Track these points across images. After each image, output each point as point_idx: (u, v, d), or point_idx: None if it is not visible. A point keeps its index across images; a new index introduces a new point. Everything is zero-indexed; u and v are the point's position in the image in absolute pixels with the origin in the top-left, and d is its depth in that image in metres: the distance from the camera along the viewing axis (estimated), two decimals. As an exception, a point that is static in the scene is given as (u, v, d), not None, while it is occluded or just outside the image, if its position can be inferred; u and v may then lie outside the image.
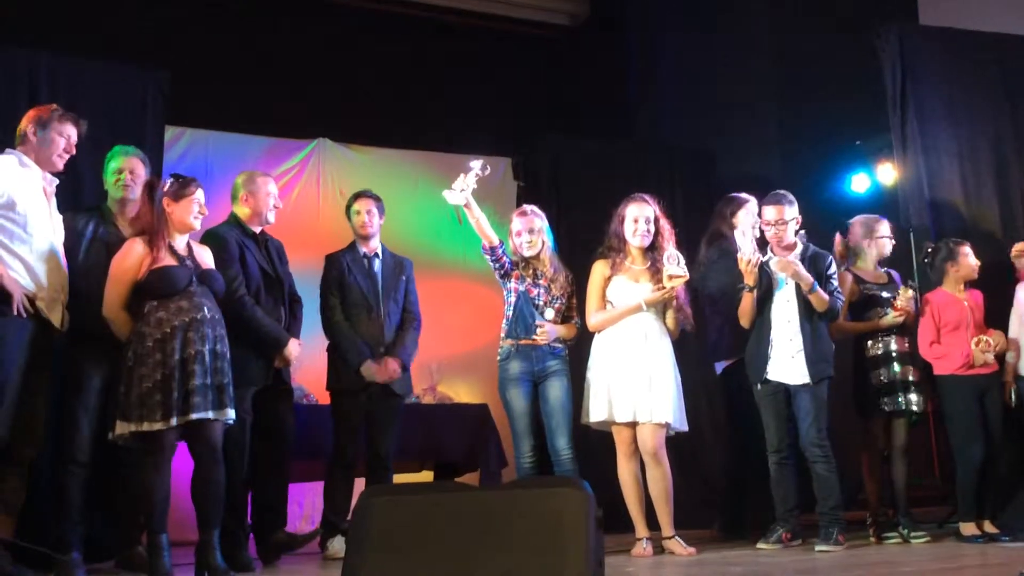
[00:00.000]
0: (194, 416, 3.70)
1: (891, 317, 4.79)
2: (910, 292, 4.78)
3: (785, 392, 4.59)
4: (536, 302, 4.54)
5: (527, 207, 4.75)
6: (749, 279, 4.54)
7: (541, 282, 4.57)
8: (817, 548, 4.37)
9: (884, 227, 5.02)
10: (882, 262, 5.04)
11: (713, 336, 5.18)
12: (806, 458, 4.55)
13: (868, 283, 4.93)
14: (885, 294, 4.88)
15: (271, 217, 4.55)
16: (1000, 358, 4.73)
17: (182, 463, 4.02)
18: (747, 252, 4.47)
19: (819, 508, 4.52)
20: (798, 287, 4.56)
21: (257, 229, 4.53)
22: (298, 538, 4.44)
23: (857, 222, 5.06)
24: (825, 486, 4.48)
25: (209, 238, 4.34)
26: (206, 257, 4.07)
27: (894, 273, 5.04)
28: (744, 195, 5.16)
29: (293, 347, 4.41)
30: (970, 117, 5.44)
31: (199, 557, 3.84)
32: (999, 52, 5.59)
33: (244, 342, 4.22)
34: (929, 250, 4.95)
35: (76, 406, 4.05)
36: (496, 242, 4.51)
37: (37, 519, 4.10)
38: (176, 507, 4.41)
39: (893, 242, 5.03)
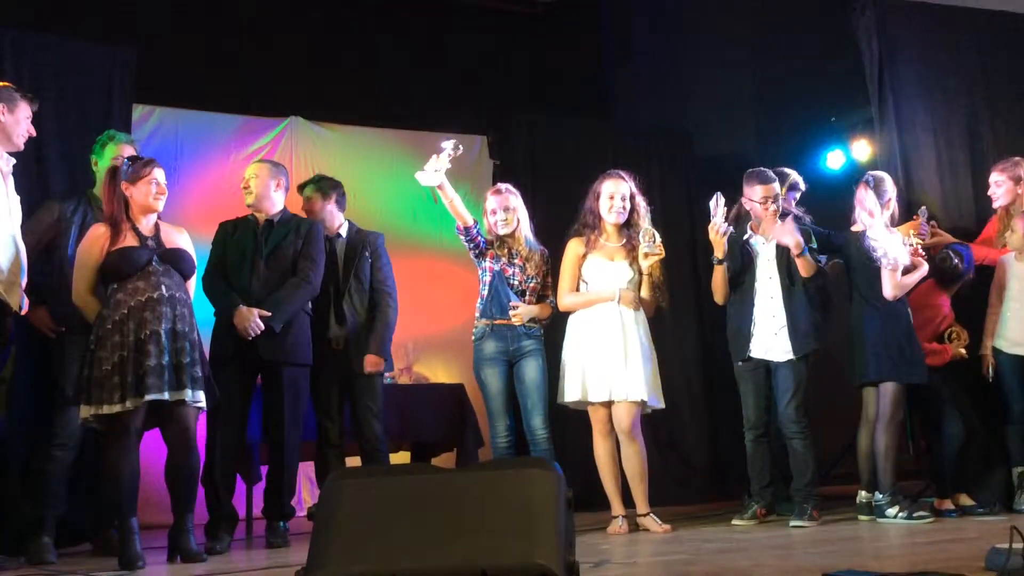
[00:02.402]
0: (148, 397, 3.63)
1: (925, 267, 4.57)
2: (917, 242, 4.61)
3: (765, 369, 4.61)
4: (511, 281, 4.52)
5: (501, 185, 4.72)
6: (719, 251, 4.54)
7: (516, 261, 4.54)
8: (792, 523, 4.39)
9: (893, 188, 4.75)
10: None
11: None
12: (783, 434, 4.57)
13: None
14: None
15: (250, 199, 4.49)
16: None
17: (159, 447, 3.98)
18: (717, 222, 4.46)
19: (794, 484, 4.54)
20: (779, 263, 4.56)
21: (261, 215, 4.49)
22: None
23: (878, 177, 4.75)
24: (801, 462, 4.51)
25: None
26: (177, 238, 4.01)
27: None
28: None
29: (242, 314, 4.24)
30: (945, 92, 5.43)
31: (172, 541, 3.83)
32: (975, 27, 5.59)
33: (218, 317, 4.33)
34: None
35: (65, 392, 4.02)
36: (471, 222, 4.47)
37: (11, 501, 4.10)
38: (154, 489, 4.40)
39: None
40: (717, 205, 4.47)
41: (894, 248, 4.45)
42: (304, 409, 4.52)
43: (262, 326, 4.26)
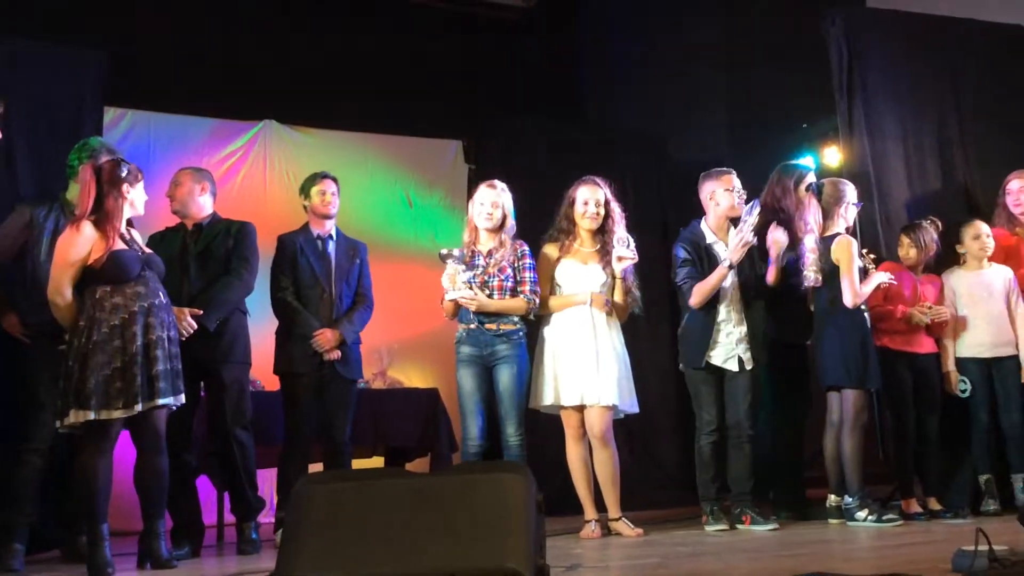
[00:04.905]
0: (160, 401, 3.67)
1: (886, 275, 4.65)
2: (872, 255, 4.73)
3: (720, 373, 4.61)
4: (472, 283, 4.45)
5: (497, 183, 4.61)
6: (737, 257, 4.51)
7: (479, 262, 4.51)
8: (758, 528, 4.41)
9: (852, 193, 4.82)
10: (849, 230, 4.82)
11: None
12: (732, 437, 4.58)
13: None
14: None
15: (174, 205, 4.54)
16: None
17: (125, 451, 3.95)
18: (745, 234, 4.47)
19: (739, 488, 4.55)
20: (739, 269, 4.59)
21: (189, 221, 4.52)
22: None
23: (828, 183, 4.84)
24: (749, 466, 4.55)
25: None
26: (141, 241, 4.03)
27: None
28: (805, 164, 5.04)
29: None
30: (914, 100, 5.49)
31: (143, 547, 3.80)
32: (944, 35, 5.66)
33: None
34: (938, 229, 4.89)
35: (38, 397, 3.98)
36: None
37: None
38: (122, 495, 4.35)
39: (859, 208, 4.87)
40: (752, 212, 4.48)
41: (813, 268, 4.54)
42: (249, 405, 4.47)
43: (195, 325, 4.18)
